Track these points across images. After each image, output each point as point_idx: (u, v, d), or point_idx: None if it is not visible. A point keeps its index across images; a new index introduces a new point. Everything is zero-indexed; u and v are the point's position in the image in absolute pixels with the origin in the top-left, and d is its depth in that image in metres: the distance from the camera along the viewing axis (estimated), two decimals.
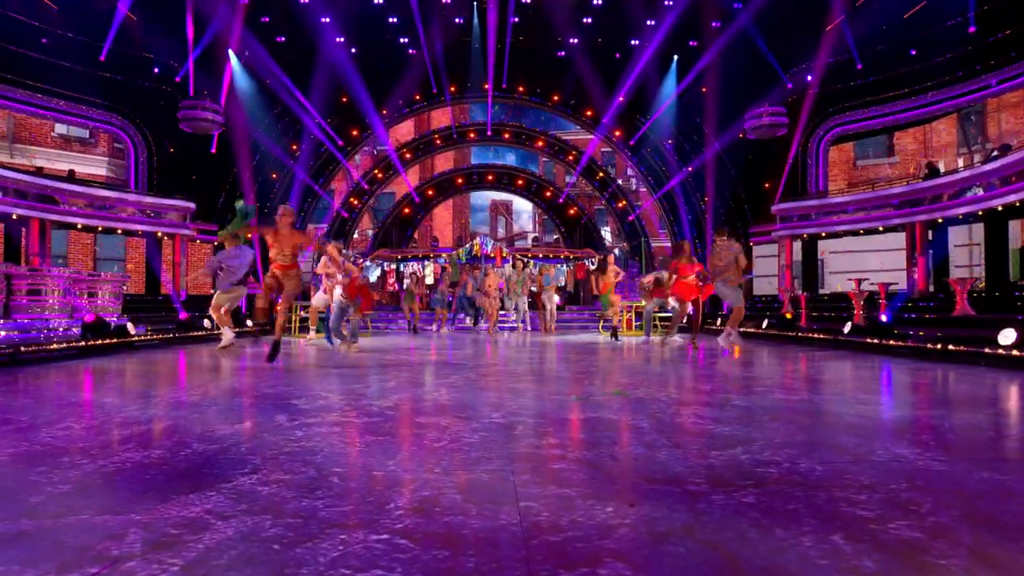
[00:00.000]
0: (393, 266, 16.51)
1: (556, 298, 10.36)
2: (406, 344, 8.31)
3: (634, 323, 11.72)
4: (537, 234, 27.54)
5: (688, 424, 2.68)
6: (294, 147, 14.07)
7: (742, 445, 2.28)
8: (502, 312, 10.18)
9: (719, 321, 11.23)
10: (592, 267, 15.67)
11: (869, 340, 6.91)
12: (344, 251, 14.58)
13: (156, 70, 11.45)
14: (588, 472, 1.93)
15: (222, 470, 1.93)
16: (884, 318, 7.02)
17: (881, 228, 11.63)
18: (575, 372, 4.84)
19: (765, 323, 9.94)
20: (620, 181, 20.44)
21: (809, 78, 12.81)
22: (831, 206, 12.30)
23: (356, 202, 18.23)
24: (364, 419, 2.82)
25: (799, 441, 2.34)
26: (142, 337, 7.42)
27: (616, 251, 15.88)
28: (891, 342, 6.40)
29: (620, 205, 19.10)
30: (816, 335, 8.13)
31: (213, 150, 11.92)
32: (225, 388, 3.90)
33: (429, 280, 16.19)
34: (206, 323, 9.34)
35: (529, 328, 9.81)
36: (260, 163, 13.26)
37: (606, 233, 23.85)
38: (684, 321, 7.35)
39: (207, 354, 6.66)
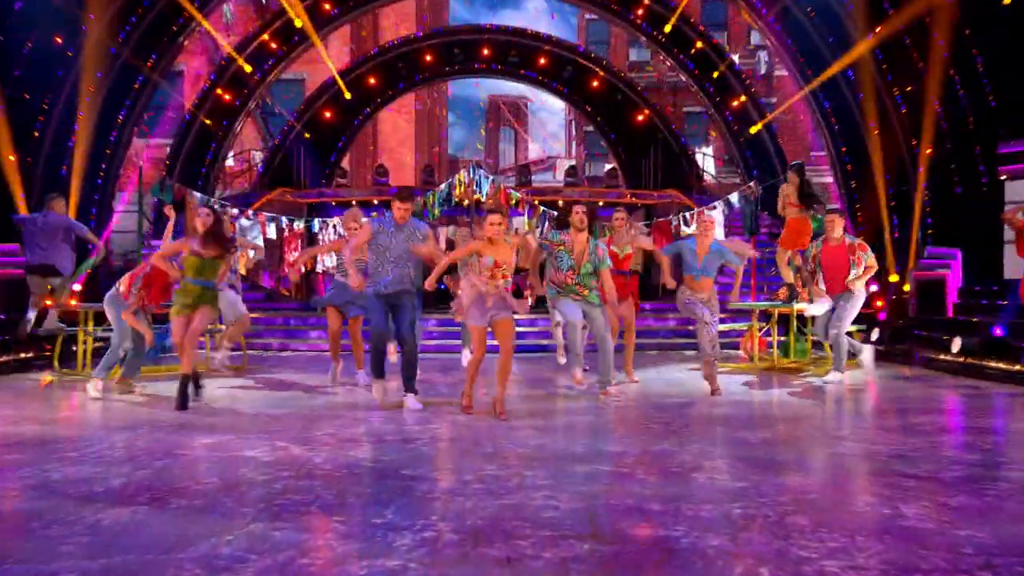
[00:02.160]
0: (301, 224, 15.39)
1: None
2: (294, 400, 7.35)
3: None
4: (574, 161, 26.56)
5: None
6: None
7: None
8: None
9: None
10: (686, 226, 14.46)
11: None
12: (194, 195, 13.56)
13: None
14: None
15: None
16: None
17: None
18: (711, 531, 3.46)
19: None
20: (736, 58, 19.88)
21: None
22: None
23: (228, 97, 17.98)
24: None
25: None
26: None
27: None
28: None
29: (735, 103, 18.88)
30: None
31: None
32: None
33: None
34: None
35: (583, 375, 7.57)
36: (26, 17, 11.89)
37: (706, 159, 22.90)
38: None
39: None
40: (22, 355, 9.78)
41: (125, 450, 5.08)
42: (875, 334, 11.41)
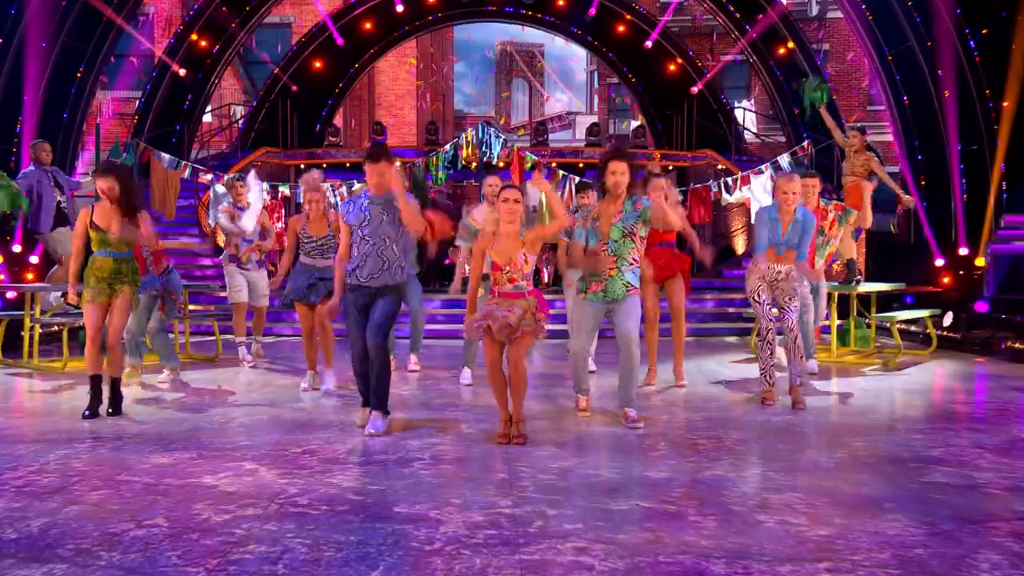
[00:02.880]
0: (285, 189, 15.48)
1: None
2: (272, 402, 7.01)
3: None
4: (596, 118, 26.09)
5: None
6: None
7: None
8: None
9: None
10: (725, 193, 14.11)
11: None
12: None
13: None
14: None
15: None
16: None
17: None
18: None
19: None
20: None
21: None
22: None
23: (205, 43, 17.99)
24: None
25: None
26: None
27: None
28: None
29: (782, 51, 18.69)
30: None
31: None
32: None
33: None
34: None
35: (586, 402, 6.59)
36: None
37: (746, 115, 22.78)
38: None
39: None
40: None
41: (58, 475, 4.60)
42: (948, 319, 10.86)
